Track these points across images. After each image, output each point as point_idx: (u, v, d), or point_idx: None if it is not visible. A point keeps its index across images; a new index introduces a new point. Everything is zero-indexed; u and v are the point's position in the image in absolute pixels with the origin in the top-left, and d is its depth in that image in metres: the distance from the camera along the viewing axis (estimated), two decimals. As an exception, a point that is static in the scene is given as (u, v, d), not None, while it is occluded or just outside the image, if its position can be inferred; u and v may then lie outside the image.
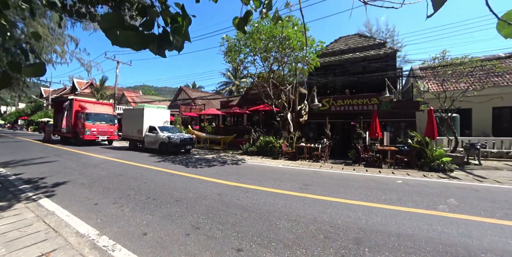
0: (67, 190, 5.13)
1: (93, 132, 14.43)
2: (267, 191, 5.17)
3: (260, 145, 11.60)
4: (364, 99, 11.23)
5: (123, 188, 5.31)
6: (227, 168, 7.93)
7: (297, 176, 6.81)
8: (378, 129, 9.19)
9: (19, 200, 4.49)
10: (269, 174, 7.06)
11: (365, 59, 12.75)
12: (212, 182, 5.89)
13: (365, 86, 13.37)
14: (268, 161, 9.94)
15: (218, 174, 6.84)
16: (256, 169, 7.87)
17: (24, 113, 44.88)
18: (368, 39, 14.09)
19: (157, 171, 7.12)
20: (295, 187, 5.53)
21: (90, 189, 5.20)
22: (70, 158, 9.52)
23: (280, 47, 9.03)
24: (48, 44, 16.23)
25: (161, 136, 11.16)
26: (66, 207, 4.16)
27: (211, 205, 4.27)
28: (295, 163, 9.42)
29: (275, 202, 4.46)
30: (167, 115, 13.59)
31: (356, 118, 11.78)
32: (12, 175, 6.47)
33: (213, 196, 4.80)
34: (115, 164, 8.25)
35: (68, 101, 15.65)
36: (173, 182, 5.83)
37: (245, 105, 18.45)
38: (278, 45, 8.99)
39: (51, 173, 6.80)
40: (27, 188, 5.24)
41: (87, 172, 6.89)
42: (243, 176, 6.66)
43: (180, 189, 5.26)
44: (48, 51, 16.79)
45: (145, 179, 6.14)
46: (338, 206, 4.26)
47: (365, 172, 7.66)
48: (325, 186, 5.68)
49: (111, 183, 5.73)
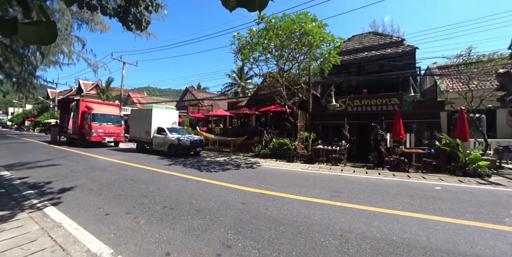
0: (75, 197, 4.66)
1: (100, 133, 14.07)
2: (296, 199, 4.63)
3: (273, 147, 11.06)
4: (383, 99, 10.64)
5: (135, 195, 4.82)
6: (243, 172, 7.41)
7: (321, 181, 6.25)
8: (402, 130, 8.59)
9: (22, 208, 4.03)
10: (290, 179, 6.51)
11: (382, 58, 12.17)
12: (231, 188, 5.38)
13: (382, 86, 12.78)
14: (283, 164, 9.39)
15: (236, 179, 6.32)
16: (274, 173, 7.34)
17: (31, 114, 45.11)
18: (384, 37, 13.53)
19: (169, 175, 6.63)
20: (325, 194, 4.98)
21: (99, 196, 4.72)
22: (77, 160, 9.11)
23: (299, 43, 8.51)
24: (55, 45, 16.03)
25: (170, 137, 10.71)
26: (74, 217, 3.68)
27: (238, 216, 3.75)
28: (313, 166, 8.86)
29: (310, 212, 3.92)
30: (175, 116, 13.15)
31: (374, 119, 11.19)
32: (17, 178, 6.05)
33: (237, 205, 4.28)
34: (124, 167, 7.80)
35: (74, 101, 15.35)
36: (189, 188, 5.33)
37: (254, 106, 17.97)
38: (297, 42, 8.47)
39: (57, 176, 6.36)
40: (32, 194, 4.79)
41: (95, 176, 6.44)
42: (263, 181, 6.13)
43: (198, 196, 4.75)
44: (55, 52, 16.58)
45: (158, 184, 5.65)
46: (384, 217, 3.70)
47: (392, 176, 7.07)
48: (357, 193, 5.12)
49: (121, 189, 5.25)
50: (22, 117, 46.74)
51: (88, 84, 42.58)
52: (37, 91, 26.72)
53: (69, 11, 16.27)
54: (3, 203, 4.28)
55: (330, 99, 10.70)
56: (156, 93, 72.15)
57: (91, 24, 18.29)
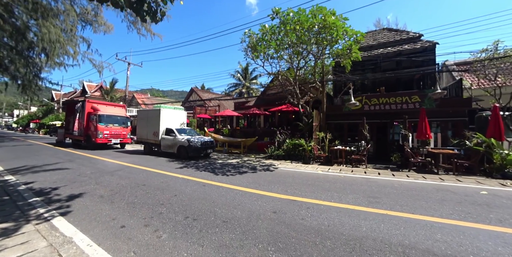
0: (85, 205, 4.21)
1: (106, 135, 13.68)
2: (333, 207, 4.12)
3: (287, 148, 10.56)
4: (403, 97, 10.09)
5: (151, 202, 4.35)
6: (262, 176, 6.92)
7: (350, 185, 5.74)
8: (428, 130, 8.04)
9: (28, 219, 3.58)
10: (315, 183, 6.01)
11: (399, 54, 11.61)
12: (256, 194, 4.89)
13: (399, 83, 12.23)
14: (300, 166, 8.88)
15: (257, 184, 5.83)
16: (295, 177, 6.83)
17: (36, 116, 45.14)
18: (400, 33, 12.96)
19: (184, 180, 6.16)
20: (362, 200, 4.47)
21: (111, 204, 4.26)
22: (84, 164, 8.70)
23: (319, 38, 8.00)
24: (60, 46, 15.73)
25: (180, 139, 10.25)
26: (86, 230, 3.22)
27: (273, 228, 3.26)
28: (333, 168, 8.34)
29: (355, 222, 3.42)
30: (184, 117, 12.71)
31: (392, 118, 10.66)
32: (22, 184, 5.63)
33: (268, 214, 3.79)
34: (134, 171, 7.35)
35: (80, 102, 15.01)
36: (208, 195, 4.85)
37: (262, 106, 17.49)
38: (318, 36, 7.95)
39: (65, 181, 5.93)
40: (38, 202, 4.35)
41: (104, 181, 5.99)
42: (287, 186, 5.63)
43: (222, 204, 4.27)
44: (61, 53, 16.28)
45: (174, 190, 5.18)
46: (445, 229, 3.18)
47: (423, 179, 6.53)
48: (397, 199, 4.60)
49: (134, 195, 4.79)
50: (27, 119, 46.83)
51: (92, 86, 42.51)
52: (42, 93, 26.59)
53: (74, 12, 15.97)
54: (6, 212, 3.85)
55: (348, 97, 10.18)
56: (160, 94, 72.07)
57: (95, 25, 18.05)
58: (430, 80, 11.35)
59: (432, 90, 8.81)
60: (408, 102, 9.98)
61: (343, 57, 8.64)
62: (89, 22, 16.80)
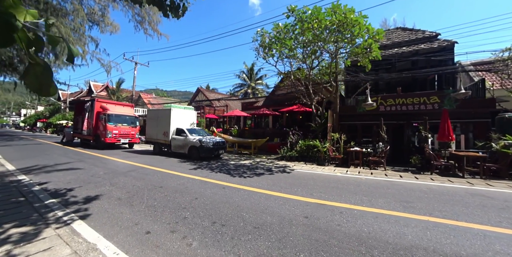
0: (104, 208, 4.01)
1: (115, 135, 13.57)
2: (367, 212, 3.87)
3: (300, 149, 10.30)
4: (421, 98, 9.77)
5: (172, 206, 4.14)
6: (281, 177, 6.67)
7: (376, 189, 5.47)
8: (451, 131, 7.71)
9: (47, 222, 3.40)
10: (338, 185, 5.74)
11: (415, 54, 11.29)
12: (281, 198, 4.65)
13: (415, 83, 11.90)
14: (316, 168, 8.62)
15: (278, 186, 5.59)
16: (316, 179, 6.57)
17: (43, 115, 45.52)
18: (415, 32, 12.63)
19: (201, 182, 5.94)
20: (396, 205, 4.21)
21: (131, 207, 4.06)
22: (95, 164, 8.55)
23: (338, 36, 7.72)
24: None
25: (191, 139, 10.06)
26: (109, 236, 3.02)
27: (310, 235, 3.02)
28: (352, 170, 8.06)
29: (397, 229, 3.16)
30: (194, 117, 12.53)
31: (409, 119, 10.34)
32: (36, 184, 5.47)
33: (300, 219, 3.55)
34: (147, 172, 7.16)
35: (89, 102, 14.94)
36: (230, 198, 4.62)
37: (271, 107, 17.24)
38: (337, 35, 7.67)
39: (79, 182, 5.77)
40: (55, 204, 4.17)
41: (119, 182, 5.81)
42: (310, 189, 5.38)
43: (247, 208, 4.04)
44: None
45: (193, 192, 4.97)
46: (502, 239, 2.91)
47: (450, 182, 6.22)
48: (432, 203, 4.32)
49: (153, 198, 4.59)
50: (35, 118, 47.24)
51: (98, 86, 42.76)
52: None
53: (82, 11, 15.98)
54: (24, 214, 3.67)
55: (363, 98, 9.90)
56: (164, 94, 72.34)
57: (102, 25, 18.06)
58: (448, 81, 11.00)
59: (452, 91, 8.49)
60: (426, 103, 9.65)
61: (363, 56, 8.35)
62: (96, 22, 16.84)
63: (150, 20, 17.48)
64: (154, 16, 17.77)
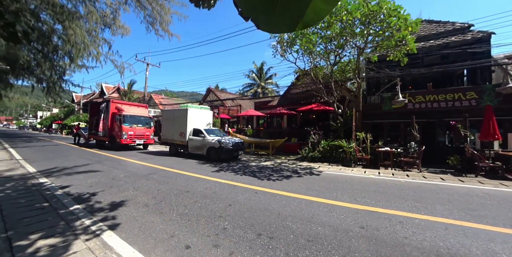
0: (132, 216, 3.67)
1: (130, 136, 13.43)
2: (431, 221, 3.37)
3: (323, 150, 9.78)
4: (455, 94, 9.06)
5: (206, 214, 3.76)
6: (312, 180, 6.20)
7: (424, 193, 4.92)
8: (497, 129, 7.02)
9: (75, 232, 3.08)
10: (379, 189, 5.23)
11: (445, 47, 10.53)
12: (323, 204, 4.19)
13: (444, 79, 11.13)
14: (344, 169, 8.09)
15: (314, 190, 5.13)
16: (350, 182, 6.06)
17: (58, 117, 46.69)
18: (443, 24, 11.83)
19: (229, 186, 5.55)
20: (460, 214, 3.68)
21: (161, 216, 3.70)
22: (113, 166, 8.33)
23: (368, 29, 7.14)
24: (84, 46, 15.85)
25: (209, 140, 9.71)
26: (146, 251, 2.65)
27: (377, 250, 2.56)
28: (383, 172, 7.49)
29: (482, 245, 2.66)
30: (210, 117, 12.20)
31: (442, 116, 9.64)
32: (58, 188, 5.23)
33: (356, 230, 3.09)
34: (169, 175, 6.84)
35: (104, 103, 14.90)
36: (267, 204, 4.20)
37: (286, 106, 16.75)
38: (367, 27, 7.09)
39: (100, 186, 5.49)
40: (80, 211, 3.87)
41: (142, 186, 5.49)
42: (351, 193, 4.89)
43: (290, 216, 3.61)
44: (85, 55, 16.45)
45: (224, 198, 4.57)
46: None
47: (505, 187, 5.58)
48: (502, 212, 3.75)
49: (182, 204, 4.22)
50: (50, 120, 48.53)
51: (110, 88, 43.45)
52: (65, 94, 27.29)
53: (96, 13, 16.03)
54: (50, 223, 3.37)
55: (390, 95, 9.28)
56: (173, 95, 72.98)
57: (113, 28, 18.12)
58: (483, 75, 10.18)
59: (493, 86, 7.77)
60: (461, 99, 8.93)
61: (394, 50, 7.72)
62: (107, 25, 16.92)
63: (162, 20, 17.41)
64: (165, 16, 17.68)
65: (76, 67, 17.64)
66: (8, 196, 4.60)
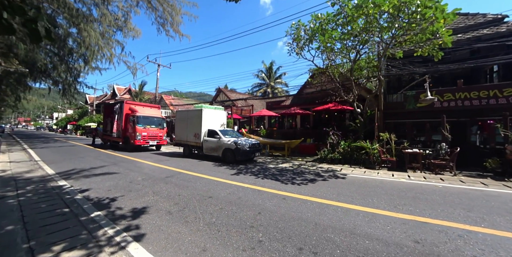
0: (156, 226, 3.41)
1: (144, 137, 13.39)
2: (498, 236, 2.95)
3: (344, 151, 9.32)
4: (490, 91, 8.39)
5: (235, 223, 3.45)
6: (339, 185, 5.80)
7: (472, 201, 4.43)
8: (543, 129, 6.38)
9: (99, 244, 2.84)
10: (419, 196, 4.77)
11: (477, 41, 9.82)
12: (362, 212, 3.81)
13: (474, 75, 10.42)
14: (369, 172, 7.63)
15: (345, 196, 4.74)
16: (382, 187, 5.62)
17: (73, 118, 47.99)
18: (472, 16, 11.08)
19: (253, 191, 5.23)
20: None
21: (187, 225, 3.42)
22: (129, 168, 8.20)
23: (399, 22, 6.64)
24: (99, 48, 16.03)
25: (225, 141, 9.44)
26: (178, 268, 2.37)
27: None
28: (414, 175, 6.98)
29: None
30: (224, 118, 11.94)
31: (474, 115, 8.98)
32: (78, 192, 5.08)
33: (410, 244, 2.71)
34: (187, 178, 6.60)
35: (118, 104, 14.95)
36: (300, 212, 3.85)
37: (299, 105, 16.31)
38: (394, 20, 6.57)
39: (119, 189, 5.31)
40: (102, 218, 3.65)
41: (161, 191, 5.26)
42: (388, 199, 4.47)
43: (330, 227, 3.25)
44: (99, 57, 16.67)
45: (251, 205, 4.26)
46: None
47: (558, 194, 5.00)
48: None
49: (208, 212, 3.93)
50: (65, 121, 49.97)
51: (121, 89, 44.20)
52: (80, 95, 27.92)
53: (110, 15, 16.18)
54: (72, 232, 3.16)
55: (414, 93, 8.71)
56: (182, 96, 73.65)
57: (124, 31, 18.26)
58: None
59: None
60: (497, 96, 8.26)
61: (428, 45, 7.16)
62: (119, 28, 17.08)
63: (172, 21, 17.41)
64: (176, 17, 17.67)
65: (90, 69, 17.95)
66: (30, 200, 4.48)
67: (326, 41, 7.85)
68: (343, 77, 12.54)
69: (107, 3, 15.24)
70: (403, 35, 7.30)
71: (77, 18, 13.91)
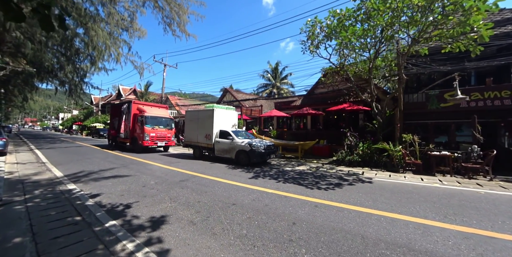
0: (181, 239, 3.00)
1: (152, 137, 13.06)
2: None
3: (363, 153, 8.84)
4: (523, 89, 7.85)
5: (270, 236, 3.03)
6: (369, 190, 5.34)
7: (529, 213, 3.95)
8: None
9: (118, 263, 2.45)
10: (465, 203, 4.31)
11: (505, 37, 9.27)
12: (411, 223, 3.36)
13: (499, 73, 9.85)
14: (394, 175, 7.15)
15: (383, 203, 4.29)
16: (417, 192, 5.14)
17: (78, 119, 48.16)
18: (499, 12, 10.55)
19: (278, 197, 4.80)
20: None
21: (215, 238, 3.01)
22: (140, 170, 7.85)
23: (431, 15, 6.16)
24: (106, 47, 15.84)
25: (239, 142, 9.04)
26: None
27: None
28: (446, 180, 6.49)
29: None
30: (235, 118, 11.53)
31: (505, 116, 8.43)
32: (89, 197, 4.71)
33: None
34: (203, 182, 6.20)
35: (126, 104, 14.68)
36: (340, 222, 3.42)
37: (310, 106, 15.85)
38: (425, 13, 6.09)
39: (132, 194, 4.93)
40: (118, 229, 3.26)
41: (178, 196, 4.86)
42: (432, 207, 4.01)
43: (380, 240, 2.81)
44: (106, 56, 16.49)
45: (281, 213, 3.83)
46: None
47: None
48: None
49: (236, 222, 3.51)
50: (71, 122, 50.19)
51: (126, 89, 44.21)
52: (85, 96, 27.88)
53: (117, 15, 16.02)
54: (87, 246, 2.78)
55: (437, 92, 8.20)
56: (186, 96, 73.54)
57: (130, 31, 18.10)
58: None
59: None
60: (530, 95, 7.72)
61: (463, 39, 6.65)
62: (125, 28, 16.92)
63: (179, 21, 17.18)
64: (183, 16, 17.43)
65: (96, 70, 17.81)
66: (38, 206, 4.13)
67: (349, 37, 7.40)
68: (357, 77, 12.07)
69: (114, 2, 15.07)
70: (434, 29, 6.81)
71: (85, 18, 13.75)
